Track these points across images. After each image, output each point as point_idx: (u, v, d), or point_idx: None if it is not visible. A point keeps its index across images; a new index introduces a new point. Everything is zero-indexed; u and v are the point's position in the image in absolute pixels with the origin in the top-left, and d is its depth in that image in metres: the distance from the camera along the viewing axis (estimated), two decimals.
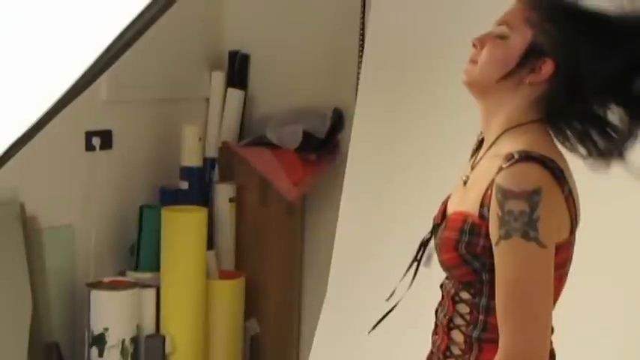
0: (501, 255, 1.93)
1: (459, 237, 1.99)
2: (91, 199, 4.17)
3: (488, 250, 1.96)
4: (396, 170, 3.86)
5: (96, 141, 4.17)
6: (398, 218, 3.81)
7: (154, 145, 4.50)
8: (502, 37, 2.04)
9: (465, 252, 1.98)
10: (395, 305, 2.29)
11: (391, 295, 2.29)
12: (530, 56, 2.01)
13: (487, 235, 1.95)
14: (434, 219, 2.21)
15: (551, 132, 2.05)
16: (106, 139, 4.22)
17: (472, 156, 2.24)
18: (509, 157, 1.92)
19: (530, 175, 1.91)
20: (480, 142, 2.23)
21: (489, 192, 1.95)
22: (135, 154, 4.40)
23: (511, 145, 1.98)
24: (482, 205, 1.97)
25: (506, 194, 1.90)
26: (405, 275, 2.25)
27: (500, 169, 1.92)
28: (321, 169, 4.48)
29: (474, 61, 2.07)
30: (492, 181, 1.94)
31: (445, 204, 2.20)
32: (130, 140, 4.35)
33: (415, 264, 2.25)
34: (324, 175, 4.49)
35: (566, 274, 2.06)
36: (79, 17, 1.28)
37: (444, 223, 2.07)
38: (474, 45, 2.08)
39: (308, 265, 4.66)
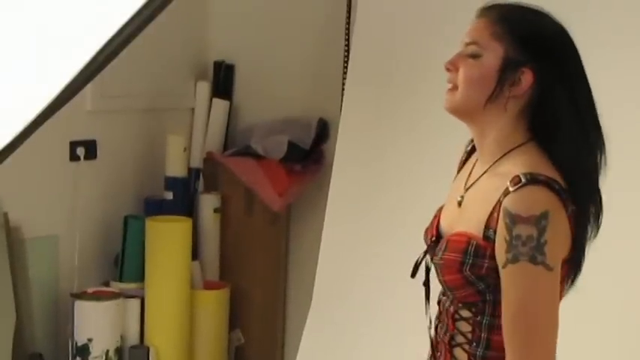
0: (509, 278, 1.93)
1: (462, 259, 1.98)
2: (75, 209, 4.16)
3: (493, 271, 1.96)
4: (381, 180, 3.87)
5: (80, 151, 4.16)
6: (383, 228, 3.81)
7: (139, 155, 4.49)
8: (474, 56, 2.02)
9: (469, 273, 1.98)
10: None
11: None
12: (507, 70, 2.00)
13: (492, 257, 1.96)
14: (426, 233, 2.20)
15: (542, 149, 2.03)
16: (91, 149, 4.22)
17: (460, 168, 2.24)
18: (516, 181, 1.92)
19: (537, 198, 1.91)
20: (469, 154, 2.23)
21: (495, 214, 1.94)
22: (119, 164, 4.39)
23: (511, 165, 1.98)
24: (487, 227, 1.96)
25: (514, 219, 1.90)
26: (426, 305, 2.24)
27: (507, 192, 1.92)
28: (306, 179, 4.48)
29: (453, 87, 2.05)
30: (497, 203, 1.94)
31: (437, 218, 2.18)
32: (115, 150, 4.34)
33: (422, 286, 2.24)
34: (309, 185, 4.49)
35: (565, 289, 2.07)
36: (64, 27, 1.28)
37: (443, 244, 2.05)
38: (448, 69, 2.06)
39: (293, 276, 4.65)
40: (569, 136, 2.02)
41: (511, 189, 1.91)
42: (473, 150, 2.21)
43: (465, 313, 2.05)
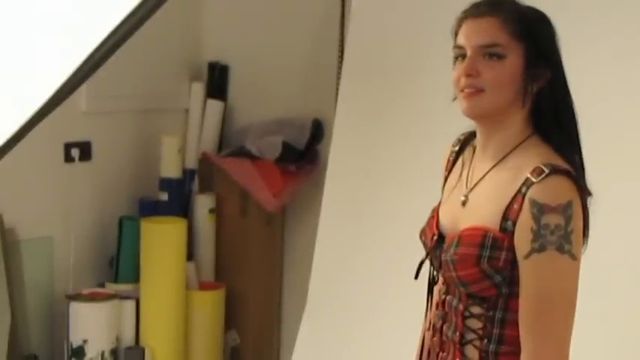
0: (532, 267, 1.95)
1: (479, 252, 1.99)
2: (70, 211, 4.15)
3: (509, 264, 1.98)
4: (375, 180, 3.87)
5: (75, 152, 4.16)
6: (378, 229, 3.81)
7: (134, 156, 4.49)
8: (499, 57, 2.02)
9: (487, 266, 1.98)
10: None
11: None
12: (530, 68, 2.03)
13: (509, 249, 1.97)
14: (424, 233, 2.19)
15: (546, 143, 2.06)
16: (85, 150, 4.21)
17: (450, 168, 2.24)
18: (538, 171, 1.95)
19: (562, 188, 1.95)
20: (457, 153, 2.23)
21: (515, 206, 1.96)
22: (114, 166, 4.39)
23: (521, 159, 2.01)
24: (505, 219, 1.98)
25: (542, 208, 1.92)
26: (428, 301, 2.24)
27: (530, 183, 1.94)
28: (301, 179, 4.48)
29: (476, 91, 2.03)
30: (517, 194, 1.96)
31: (434, 218, 2.18)
32: (110, 151, 4.34)
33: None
34: (303, 185, 4.49)
35: None
36: (58, 29, 1.28)
37: (454, 239, 2.05)
38: (470, 75, 2.02)
39: (288, 276, 4.65)
40: (571, 129, 2.07)
41: (534, 180, 1.94)
42: (461, 150, 2.22)
43: (476, 310, 2.05)
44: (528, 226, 1.93)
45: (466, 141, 2.22)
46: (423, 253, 2.20)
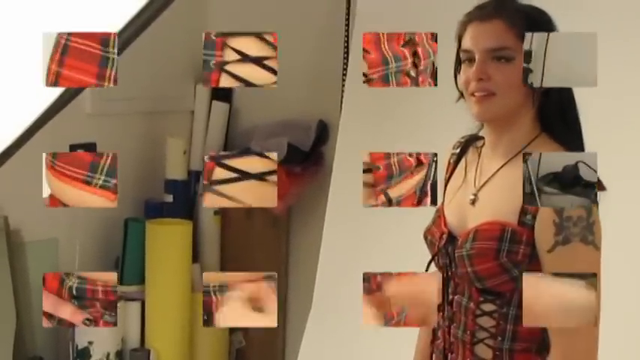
0: (558, 261, 1.96)
1: (498, 246, 2.00)
2: (75, 213, 4.15)
3: (528, 258, 1.99)
4: None
5: None
6: (383, 230, 3.81)
7: (139, 158, 4.49)
8: (507, 58, 2.03)
9: (506, 260, 1.99)
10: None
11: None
12: None
13: (528, 243, 1.98)
14: (431, 232, 2.20)
15: (555, 141, 2.08)
16: (90, 152, 4.21)
17: (452, 169, 2.24)
18: None
19: None
20: (459, 155, 2.24)
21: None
22: (119, 167, 4.38)
23: None
24: (524, 213, 1.99)
25: None
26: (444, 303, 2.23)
27: None
28: (306, 181, 4.48)
29: (488, 94, 2.04)
30: None
31: (442, 218, 2.18)
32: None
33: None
34: (309, 187, 4.49)
35: None
36: (62, 30, 1.28)
37: (469, 235, 2.05)
38: (481, 79, 2.04)
39: (293, 278, 4.65)
40: (576, 125, 2.10)
41: None
42: (462, 152, 2.23)
43: (488, 307, 2.05)
44: (550, 220, 1.95)
45: (467, 143, 2.23)
46: (428, 253, 2.20)
